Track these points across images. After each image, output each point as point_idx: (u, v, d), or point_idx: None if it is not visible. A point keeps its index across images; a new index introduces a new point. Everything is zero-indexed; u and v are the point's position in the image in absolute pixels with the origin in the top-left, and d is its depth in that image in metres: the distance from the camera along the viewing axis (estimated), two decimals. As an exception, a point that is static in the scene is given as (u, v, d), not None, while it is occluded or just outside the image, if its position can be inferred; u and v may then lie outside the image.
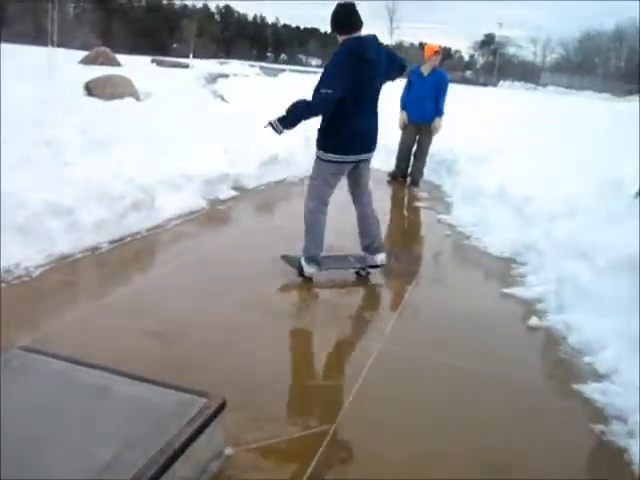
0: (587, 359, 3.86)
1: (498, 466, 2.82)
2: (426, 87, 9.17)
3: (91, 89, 11.07)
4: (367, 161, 5.06)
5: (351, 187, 5.24)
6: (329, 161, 4.86)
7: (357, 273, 5.24)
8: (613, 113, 20.33)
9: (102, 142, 6.78)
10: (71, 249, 4.96)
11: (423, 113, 9.24)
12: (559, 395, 3.57)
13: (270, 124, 4.79)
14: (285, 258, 5.22)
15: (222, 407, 2.51)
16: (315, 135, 4.96)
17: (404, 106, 9.47)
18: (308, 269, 4.98)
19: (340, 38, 4.71)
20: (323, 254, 5.05)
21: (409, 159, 9.64)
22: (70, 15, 56.61)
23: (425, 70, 9.27)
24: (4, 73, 9.86)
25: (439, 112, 9.25)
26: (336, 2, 4.72)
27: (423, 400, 3.38)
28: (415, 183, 9.54)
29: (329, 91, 4.55)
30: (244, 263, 5.31)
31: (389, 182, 9.69)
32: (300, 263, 5.02)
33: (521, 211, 6.34)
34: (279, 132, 4.81)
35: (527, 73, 72.37)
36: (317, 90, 4.61)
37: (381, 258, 5.17)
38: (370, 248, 5.16)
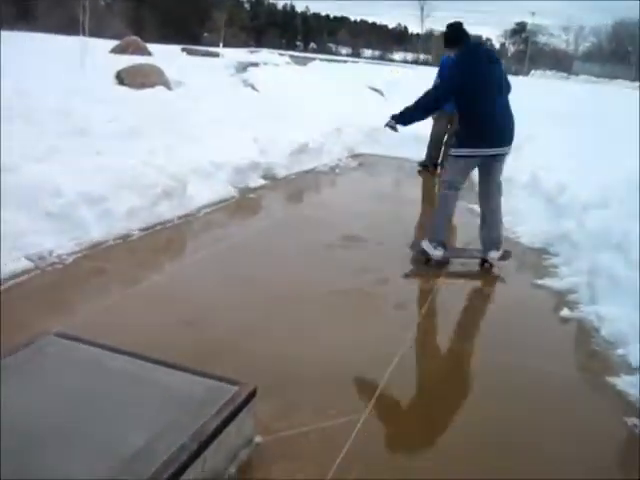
0: (620, 351, 3.81)
1: (530, 460, 2.79)
2: None
3: (122, 78, 11.11)
4: (495, 159, 5.25)
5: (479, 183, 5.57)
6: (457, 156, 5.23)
7: (482, 264, 5.41)
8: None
9: (134, 131, 6.83)
10: (103, 237, 5.01)
11: None
12: (592, 388, 3.53)
13: (387, 125, 5.20)
14: (412, 246, 5.53)
15: (253, 395, 2.52)
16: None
17: None
18: (435, 252, 5.22)
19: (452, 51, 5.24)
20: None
21: (440, 149, 9.58)
22: (101, 5, 56.96)
23: None
24: (38, 63, 9.96)
25: None
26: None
27: (454, 391, 3.37)
28: (436, 166, 9.49)
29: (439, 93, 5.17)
30: (275, 251, 5.32)
31: (419, 172, 9.64)
32: (424, 248, 5.25)
33: (554, 201, 6.27)
34: (395, 129, 5.21)
35: (559, 62, 71.42)
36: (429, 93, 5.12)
37: (492, 256, 5.32)
38: (485, 244, 5.38)
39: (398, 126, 5.17)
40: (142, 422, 2.25)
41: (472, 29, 5.70)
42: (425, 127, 9.56)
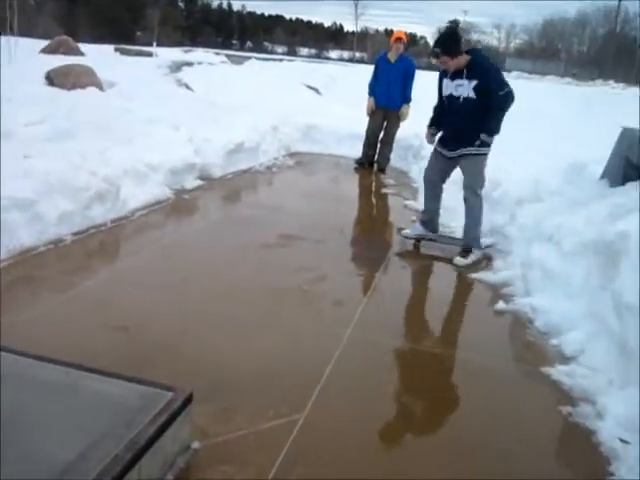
0: (554, 342, 3.89)
1: (467, 450, 2.82)
2: (393, 73, 9.18)
3: (52, 79, 10.85)
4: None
5: None
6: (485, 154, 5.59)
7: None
8: (576, 97, 20.49)
9: (64, 133, 6.66)
10: (34, 242, 4.87)
11: (390, 99, 9.24)
12: (527, 378, 3.60)
13: (484, 142, 5.48)
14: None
15: (189, 400, 2.48)
16: None
17: (372, 92, 9.49)
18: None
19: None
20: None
21: (376, 145, 9.65)
22: (31, 3, 55.63)
23: (392, 56, 9.27)
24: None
25: (406, 98, 9.26)
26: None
27: (390, 387, 3.39)
28: (382, 169, 9.55)
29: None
30: (211, 252, 5.28)
31: (356, 169, 9.68)
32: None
33: (487, 196, 6.34)
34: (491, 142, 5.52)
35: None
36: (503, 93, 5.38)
37: (454, 261, 5.50)
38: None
39: None
40: (75, 433, 2.19)
41: (406, 28, 5.83)
42: (360, 124, 9.64)
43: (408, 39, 10.38)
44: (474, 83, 5.36)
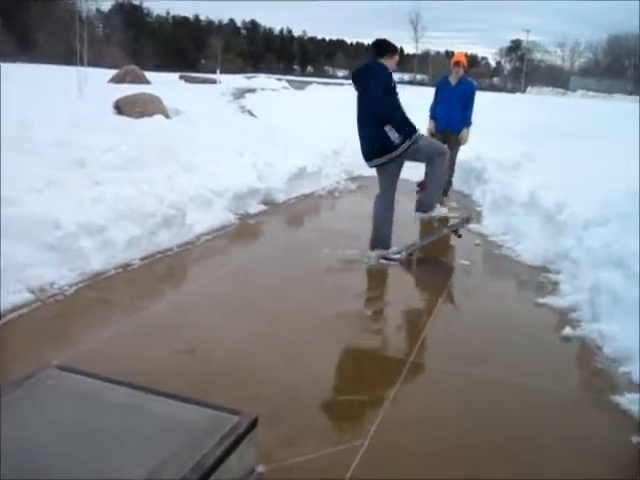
0: (623, 369, 3.79)
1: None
2: (453, 97, 9.12)
3: (121, 107, 11.20)
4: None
5: None
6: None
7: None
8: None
9: (132, 161, 6.85)
10: (104, 267, 5.02)
11: (450, 122, 9.18)
12: (596, 407, 3.52)
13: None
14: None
15: (254, 424, 2.51)
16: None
17: (432, 115, 9.45)
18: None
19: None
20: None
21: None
22: (100, 34, 57.43)
23: (452, 79, 9.25)
24: (38, 94, 10.04)
25: (467, 122, 9.19)
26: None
27: (457, 415, 3.35)
28: (444, 192, 9.48)
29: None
30: (275, 278, 5.32)
31: (418, 192, 9.64)
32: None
33: (553, 219, 6.27)
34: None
35: (555, 78, 71.63)
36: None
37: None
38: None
39: None
40: (142, 455, 2.24)
41: (466, 48, 5.91)
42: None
43: (468, 61, 10.33)
44: None
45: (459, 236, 6.12)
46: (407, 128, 5.73)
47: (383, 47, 6.04)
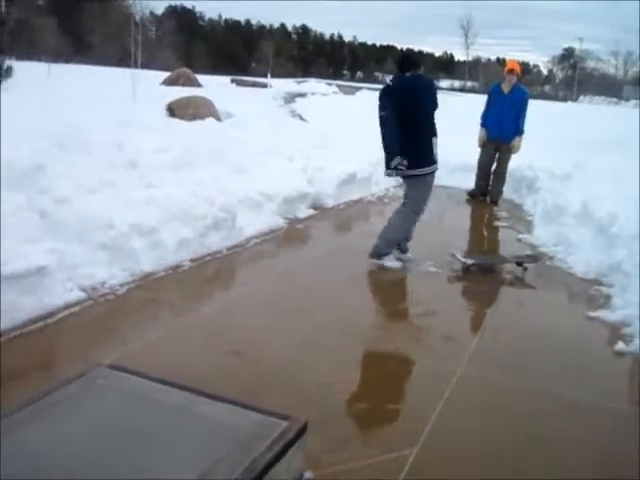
0: (678, 387, 3.70)
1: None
2: (506, 105, 9.05)
3: (173, 110, 11.31)
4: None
5: None
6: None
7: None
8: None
9: (184, 162, 6.93)
10: (154, 267, 5.08)
11: (502, 131, 9.10)
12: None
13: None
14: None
15: (303, 430, 2.50)
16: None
17: (484, 123, 9.39)
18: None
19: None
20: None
21: (489, 177, 9.50)
22: (153, 38, 58.25)
23: (505, 87, 9.16)
24: (93, 95, 10.21)
25: (519, 131, 9.08)
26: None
27: (507, 426, 3.30)
28: (494, 202, 9.39)
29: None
30: (324, 282, 5.33)
31: (468, 201, 9.57)
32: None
33: (606, 231, 6.15)
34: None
35: (608, 87, 70.38)
36: None
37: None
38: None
39: None
40: (192, 457, 2.25)
41: (517, 55, 5.84)
42: (472, 155, 9.53)
43: (522, 68, 10.21)
44: None
45: (525, 269, 5.91)
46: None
47: (410, 61, 5.95)
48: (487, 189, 9.52)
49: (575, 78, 73.87)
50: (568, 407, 3.53)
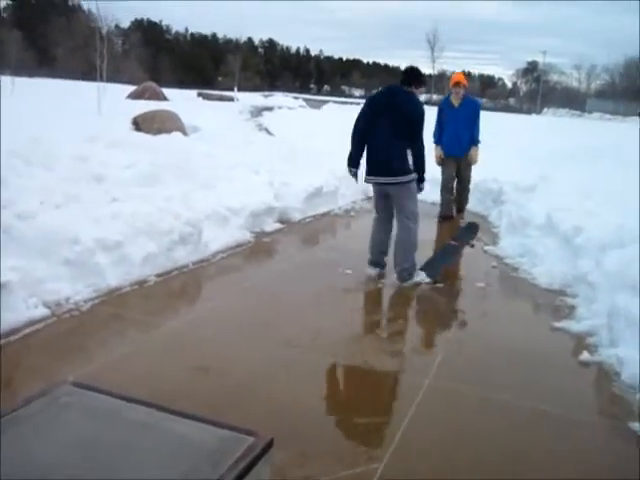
0: (641, 396, 3.75)
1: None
2: (460, 118, 8.91)
3: (139, 124, 11.27)
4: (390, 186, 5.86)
5: None
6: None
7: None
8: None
9: (150, 177, 6.89)
10: (120, 283, 5.03)
11: (462, 146, 8.96)
12: (613, 433, 3.47)
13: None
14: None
15: (269, 446, 2.49)
16: None
17: (438, 140, 9.13)
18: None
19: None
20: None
21: (453, 192, 9.36)
22: (119, 51, 57.98)
23: (455, 101, 9.04)
24: (57, 109, 10.12)
25: (474, 141, 8.97)
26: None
27: (474, 439, 3.32)
28: (461, 210, 9.41)
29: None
30: (290, 297, 5.32)
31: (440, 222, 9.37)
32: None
33: (570, 242, 6.23)
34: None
35: (571, 100, 71.66)
36: None
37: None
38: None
39: None
40: (159, 474, 2.22)
41: (482, 69, 5.91)
42: (437, 168, 9.51)
43: (467, 80, 9.98)
44: None
45: (472, 246, 6.06)
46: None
47: (414, 77, 5.97)
48: (453, 203, 9.43)
49: (539, 91, 75.05)
50: (531, 416, 3.56)
